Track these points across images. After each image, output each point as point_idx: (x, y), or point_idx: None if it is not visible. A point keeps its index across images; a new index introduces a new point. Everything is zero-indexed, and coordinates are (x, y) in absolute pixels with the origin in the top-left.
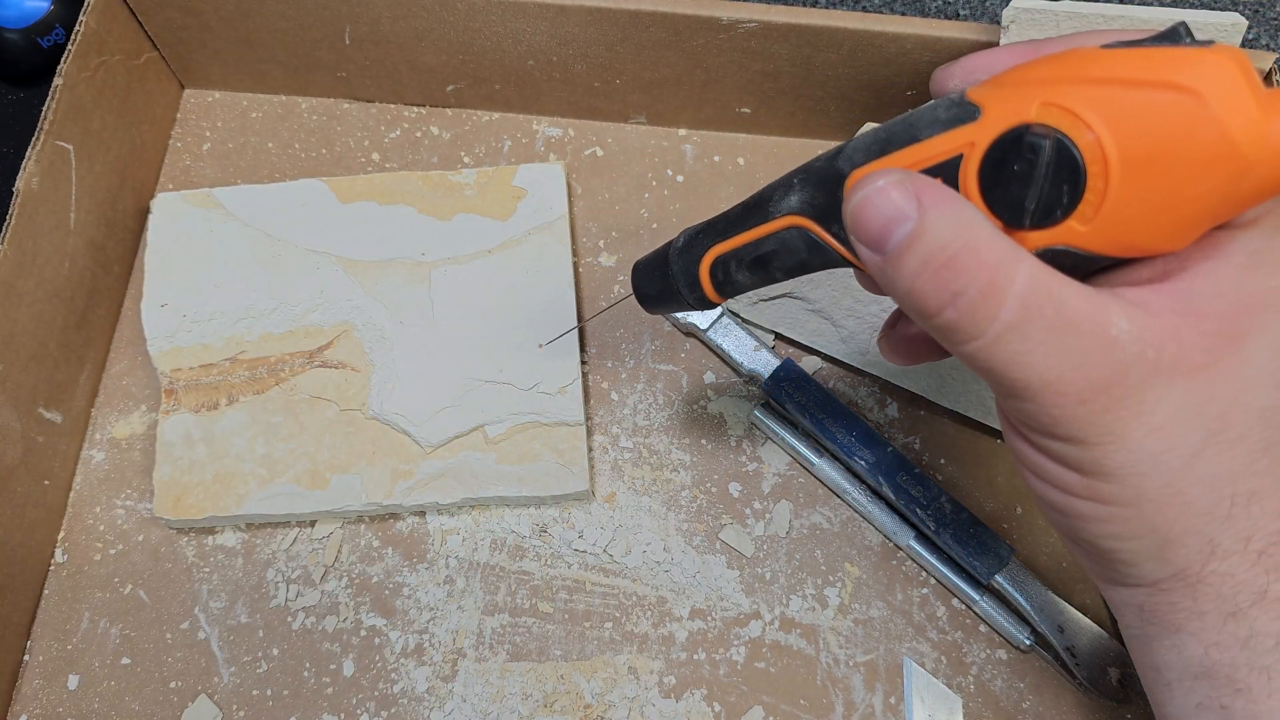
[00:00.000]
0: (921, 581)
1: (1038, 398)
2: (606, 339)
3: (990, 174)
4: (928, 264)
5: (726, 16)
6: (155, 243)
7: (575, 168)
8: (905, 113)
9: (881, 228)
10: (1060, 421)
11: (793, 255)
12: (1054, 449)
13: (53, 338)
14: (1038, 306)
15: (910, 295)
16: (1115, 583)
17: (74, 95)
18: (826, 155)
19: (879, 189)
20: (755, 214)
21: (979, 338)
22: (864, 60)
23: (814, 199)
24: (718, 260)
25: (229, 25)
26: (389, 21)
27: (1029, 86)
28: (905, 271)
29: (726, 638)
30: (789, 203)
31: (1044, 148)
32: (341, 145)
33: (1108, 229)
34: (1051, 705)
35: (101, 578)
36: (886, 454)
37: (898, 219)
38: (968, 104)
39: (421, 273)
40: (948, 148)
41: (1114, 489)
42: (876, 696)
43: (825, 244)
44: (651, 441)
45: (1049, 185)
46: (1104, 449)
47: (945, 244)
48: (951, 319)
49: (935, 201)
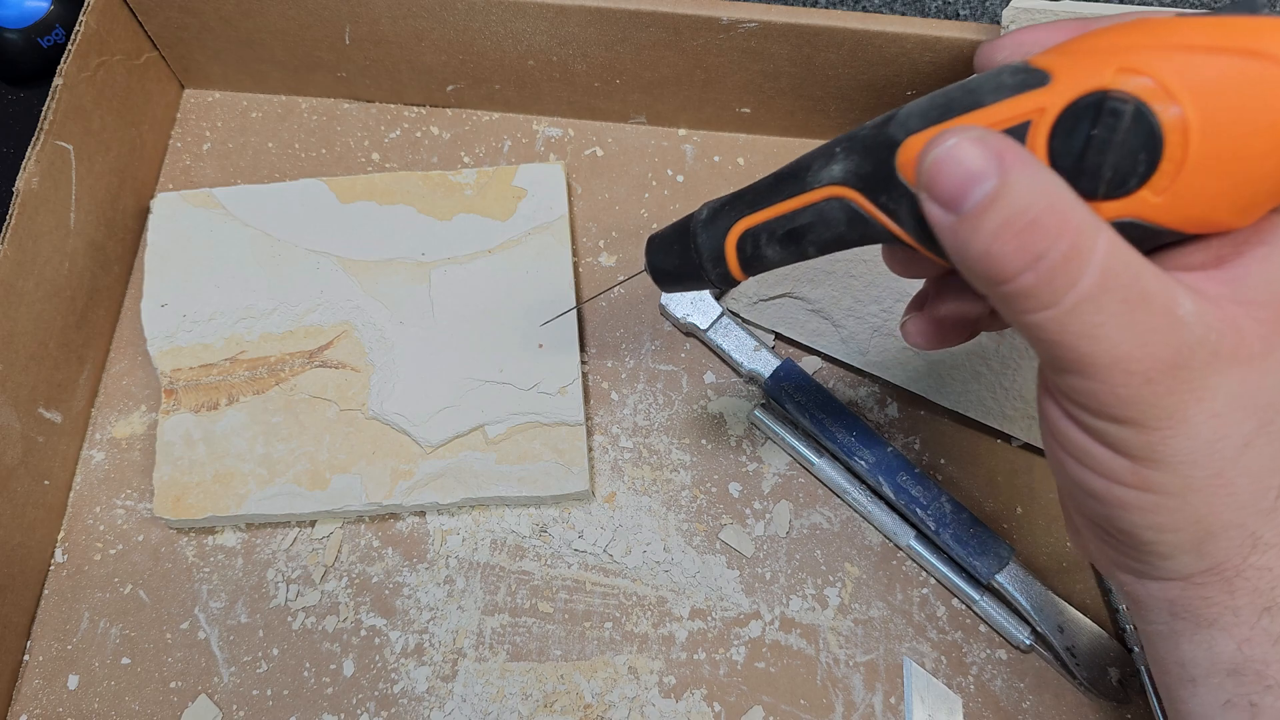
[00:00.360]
0: (921, 581)
1: (1104, 374)
2: (606, 339)
3: (1062, 141)
4: (1010, 224)
5: (726, 16)
6: (155, 243)
7: (575, 168)
8: (957, 81)
9: (960, 185)
10: (1123, 401)
11: (830, 229)
12: (1107, 432)
13: (53, 338)
14: (1115, 277)
15: (987, 257)
16: (1146, 576)
17: (74, 95)
18: (874, 123)
19: (958, 144)
20: (790, 184)
21: (1053, 306)
22: (864, 60)
23: (859, 168)
24: (747, 234)
25: (229, 25)
26: (389, 21)
27: (1102, 53)
28: (983, 232)
29: (726, 638)
30: (830, 172)
31: (1125, 113)
32: (341, 145)
33: (1181, 201)
34: (1051, 705)
35: (101, 578)
36: (886, 454)
37: (978, 177)
38: (1035, 70)
39: (421, 273)
40: (1015, 113)
41: (1163, 477)
42: (876, 696)
43: (869, 216)
44: (651, 441)
45: (1126, 153)
46: (1162, 434)
47: (1029, 204)
48: (1029, 284)
49: (1017, 161)
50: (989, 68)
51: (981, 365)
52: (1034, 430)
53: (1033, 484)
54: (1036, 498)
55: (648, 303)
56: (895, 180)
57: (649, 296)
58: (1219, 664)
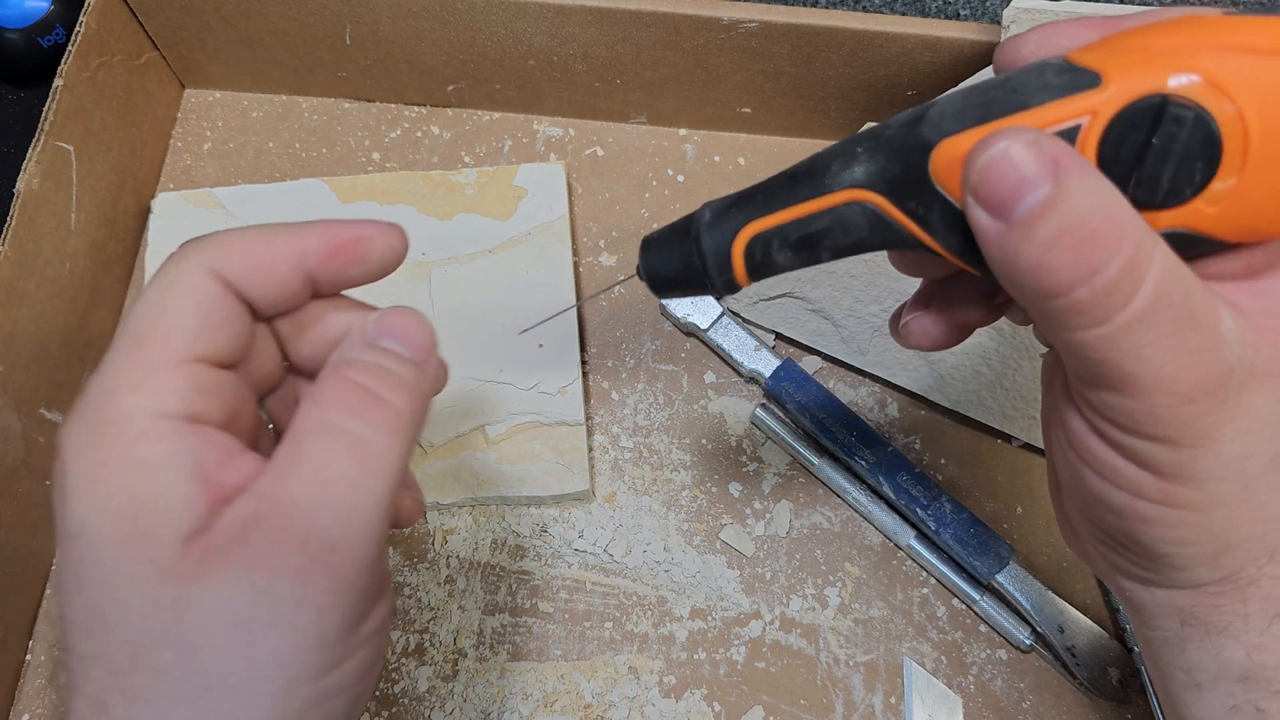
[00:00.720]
0: (922, 581)
1: (1146, 395)
2: (606, 339)
3: (1114, 147)
4: (1067, 234)
5: (727, 16)
6: (156, 243)
7: (575, 168)
8: (993, 78)
9: (1012, 190)
10: (1161, 421)
11: (850, 234)
12: (1137, 449)
13: (54, 338)
14: (1168, 296)
15: (1039, 269)
16: (1156, 585)
17: (74, 96)
18: (900, 123)
19: (1010, 146)
20: (805, 186)
21: (1105, 324)
22: (864, 60)
23: (885, 171)
24: (757, 238)
25: (229, 25)
26: (389, 21)
27: (1155, 53)
28: (1035, 241)
29: (726, 637)
30: (852, 174)
31: (1186, 120)
32: (342, 145)
33: (1235, 210)
34: (1052, 705)
35: None
36: (886, 454)
37: (1032, 182)
38: (1082, 69)
39: (421, 272)
40: (1064, 114)
41: (1190, 493)
42: (876, 696)
43: (895, 222)
44: (651, 441)
45: (1184, 161)
46: (1194, 452)
47: (1088, 214)
48: (1082, 300)
49: (1074, 167)
50: (1012, 65)
51: (982, 365)
52: (1034, 430)
53: (1033, 484)
54: (1037, 498)
55: (648, 303)
56: (928, 185)
57: (649, 296)
58: (1227, 670)
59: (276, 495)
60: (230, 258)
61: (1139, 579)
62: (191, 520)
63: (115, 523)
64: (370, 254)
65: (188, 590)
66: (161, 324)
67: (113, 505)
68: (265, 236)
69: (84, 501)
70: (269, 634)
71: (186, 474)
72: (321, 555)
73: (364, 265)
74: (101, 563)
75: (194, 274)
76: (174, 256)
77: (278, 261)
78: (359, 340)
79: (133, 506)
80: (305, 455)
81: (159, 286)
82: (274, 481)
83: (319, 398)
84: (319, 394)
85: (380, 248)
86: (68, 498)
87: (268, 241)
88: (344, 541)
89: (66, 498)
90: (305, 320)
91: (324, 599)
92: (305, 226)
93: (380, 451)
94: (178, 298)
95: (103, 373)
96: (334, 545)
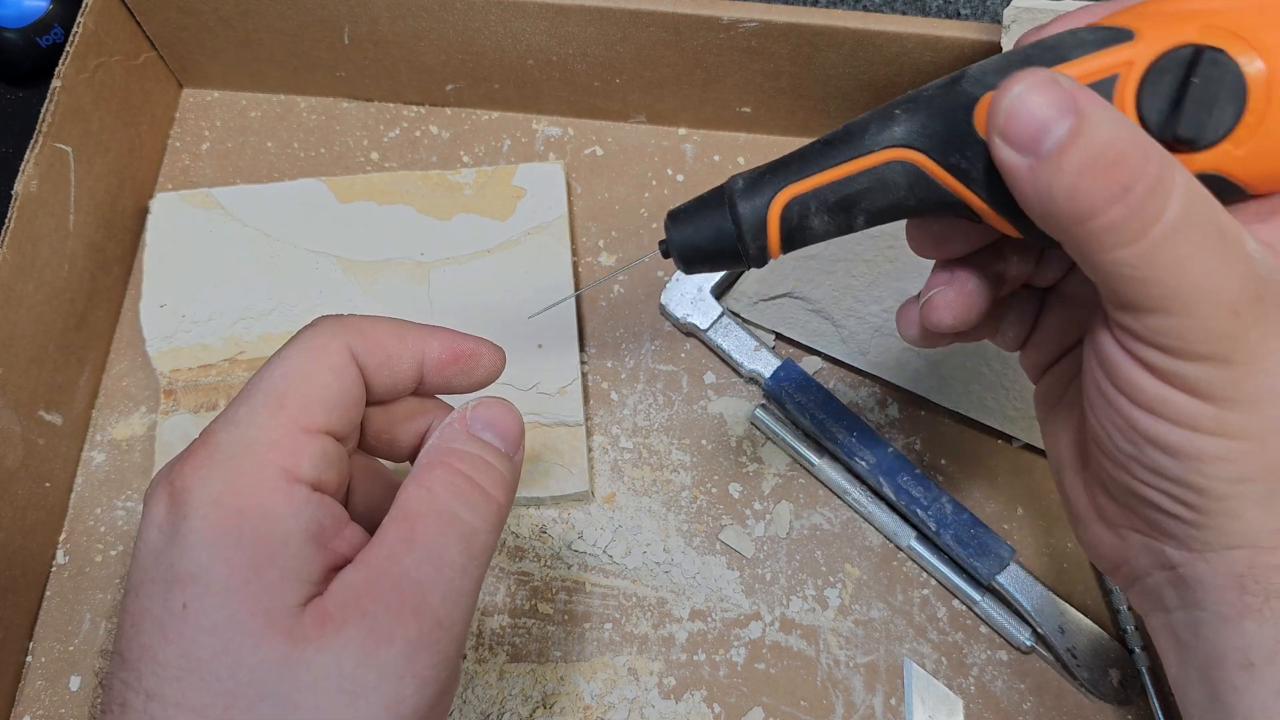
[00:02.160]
0: (922, 582)
1: (1193, 308)
2: (606, 339)
3: (1151, 94)
4: (1096, 160)
5: (727, 16)
6: (154, 243)
7: (575, 167)
8: (1029, 42)
9: (1039, 127)
10: (1212, 336)
11: (889, 195)
12: (1188, 375)
13: (52, 340)
14: (1197, 208)
15: (1074, 193)
16: (1209, 547)
17: (72, 97)
18: (938, 85)
19: (1030, 86)
20: (844, 148)
21: (1141, 239)
22: (864, 60)
23: (927, 127)
24: (793, 201)
25: (228, 25)
26: (388, 21)
27: (1184, 13)
28: (1068, 170)
29: (726, 639)
30: (892, 134)
31: (1218, 65)
32: (340, 145)
33: (1259, 154)
34: (1052, 706)
35: (102, 579)
36: (887, 454)
37: (1056, 118)
38: (1115, 28)
39: (420, 273)
40: (1101, 66)
41: (1245, 419)
42: (877, 698)
43: (935, 180)
44: (651, 442)
45: (1215, 105)
46: (1246, 369)
47: (1112, 139)
48: (1118, 217)
49: (1092, 101)
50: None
51: (982, 366)
52: (1034, 431)
53: (1034, 485)
54: (1037, 498)
55: (648, 303)
56: (971, 138)
57: (649, 296)
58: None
59: (391, 570)
60: (368, 345)
61: (1192, 542)
62: (310, 582)
63: (238, 574)
64: (478, 369)
65: (301, 650)
66: (306, 391)
67: (238, 557)
68: (398, 332)
69: (208, 548)
70: (372, 700)
71: (309, 537)
72: (431, 632)
73: (470, 377)
74: (215, 610)
75: (339, 353)
76: (318, 329)
77: (404, 357)
78: (460, 430)
79: (258, 560)
80: (420, 536)
81: (304, 354)
82: (388, 557)
83: (429, 484)
84: (429, 481)
85: (487, 365)
86: (188, 541)
87: (399, 337)
88: (449, 620)
89: (186, 541)
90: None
91: (427, 673)
92: (430, 330)
93: (484, 543)
94: (324, 371)
95: (239, 423)
96: (441, 623)
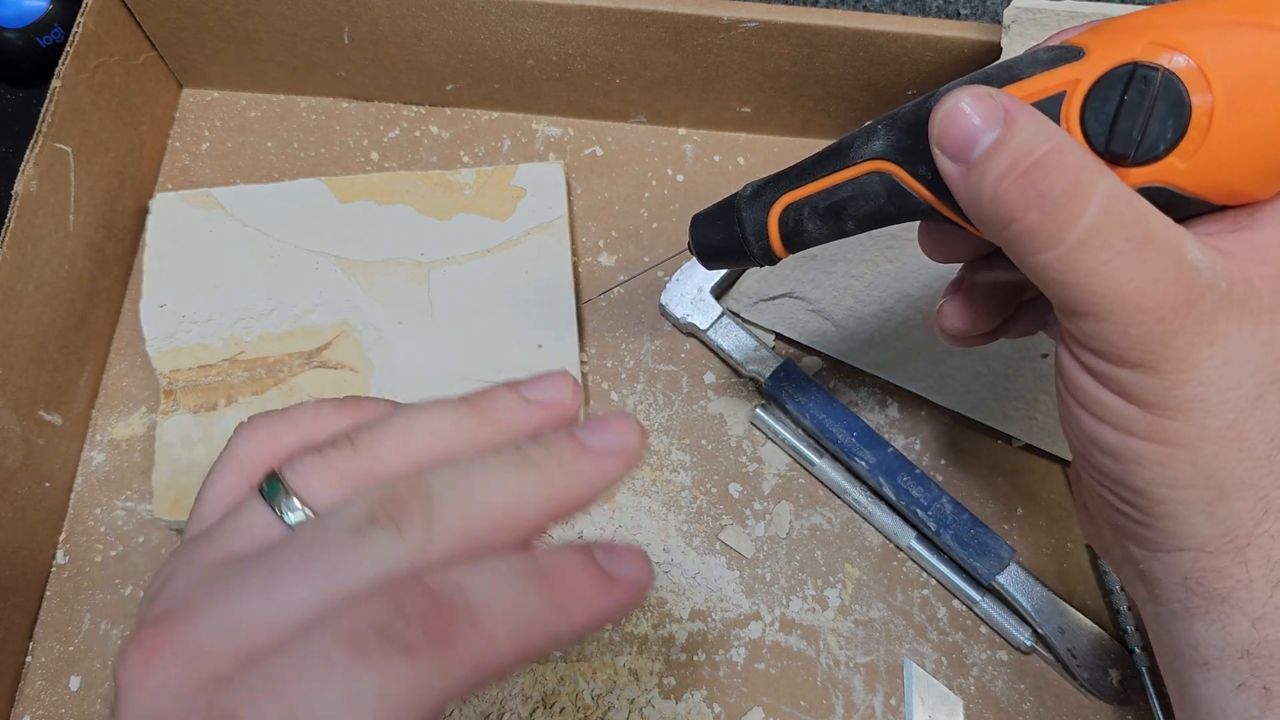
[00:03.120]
0: (922, 582)
1: (1115, 313)
2: (607, 339)
3: (1095, 110)
4: (1014, 166)
5: (727, 16)
6: (154, 243)
7: (575, 167)
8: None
9: (967, 136)
10: (1135, 342)
11: (870, 202)
12: (1122, 380)
13: (52, 340)
14: (1119, 215)
15: (994, 199)
16: (1159, 548)
17: (72, 97)
18: (914, 102)
19: (963, 99)
20: (833, 161)
21: (1060, 244)
22: (864, 60)
23: (900, 142)
24: (789, 208)
25: (227, 25)
26: (388, 21)
27: (1134, 30)
28: (990, 176)
29: (726, 639)
30: (872, 148)
31: (1154, 81)
32: (340, 145)
33: (1206, 167)
34: (1052, 706)
35: (102, 579)
36: (887, 454)
37: (983, 127)
38: (1070, 46)
39: (420, 273)
40: (1050, 84)
41: (1178, 426)
42: (877, 698)
43: (908, 189)
44: (651, 441)
45: (1155, 120)
46: (1175, 378)
47: (1032, 147)
48: (1035, 222)
49: (1020, 111)
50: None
51: (982, 366)
52: (1034, 431)
53: (1033, 485)
54: (1037, 498)
55: (648, 303)
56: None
57: (649, 296)
58: (1232, 645)
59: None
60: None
61: (1144, 543)
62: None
63: None
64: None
65: None
66: None
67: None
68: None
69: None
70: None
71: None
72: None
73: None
74: None
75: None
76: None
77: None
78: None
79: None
80: None
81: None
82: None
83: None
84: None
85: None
86: None
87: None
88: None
89: None
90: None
91: None
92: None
93: None
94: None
95: None
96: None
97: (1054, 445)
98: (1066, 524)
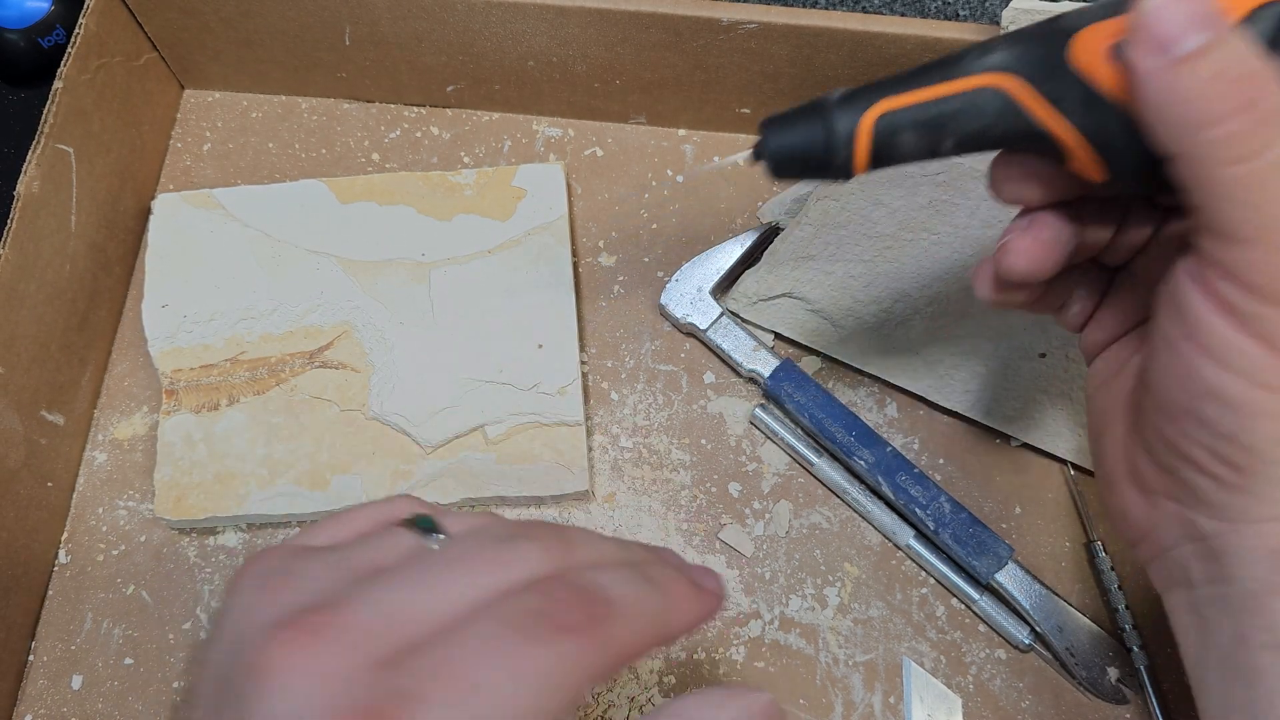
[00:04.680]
0: (921, 581)
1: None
2: (607, 339)
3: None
4: (1227, 71)
5: (726, 17)
6: (156, 244)
7: (575, 168)
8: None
9: (1179, 29)
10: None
11: (977, 120)
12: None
13: (54, 340)
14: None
15: (1199, 98)
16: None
17: (74, 98)
18: (1034, 25)
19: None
20: (941, 70)
21: (1254, 158)
22: (864, 61)
23: (1025, 54)
24: (886, 115)
25: (229, 26)
26: (389, 22)
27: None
28: (1198, 73)
29: (726, 637)
30: (990, 60)
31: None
32: (341, 145)
33: None
34: (1051, 705)
35: (104, 578)
36: (886, 454)
37: (1194, 27)
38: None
39: (421, 273)
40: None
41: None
42: (876, 696)
43: (1024, 109)
44: (651, 441)
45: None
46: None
47: (1246, 57)
48: (1235, 130)
49: (1227, 24)
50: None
51: (981, 366)
52: (1033, 430)
53: (1032, 484)
54: (1036, 498)
55: (647, 303)
56: (1066, 69)
57: (649, 296)
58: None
59: None
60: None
61: (1228, 511)
62: None
63: None
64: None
65: None
66: None
67: None
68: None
69: None
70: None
71: None
72: None
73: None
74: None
75: None
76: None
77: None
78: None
79: None
80: None
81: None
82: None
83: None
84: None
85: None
86: None
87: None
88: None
89: None
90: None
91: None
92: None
93: None
94: None
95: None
96: None
97: (1052, 445)
98: (1065, 523)
